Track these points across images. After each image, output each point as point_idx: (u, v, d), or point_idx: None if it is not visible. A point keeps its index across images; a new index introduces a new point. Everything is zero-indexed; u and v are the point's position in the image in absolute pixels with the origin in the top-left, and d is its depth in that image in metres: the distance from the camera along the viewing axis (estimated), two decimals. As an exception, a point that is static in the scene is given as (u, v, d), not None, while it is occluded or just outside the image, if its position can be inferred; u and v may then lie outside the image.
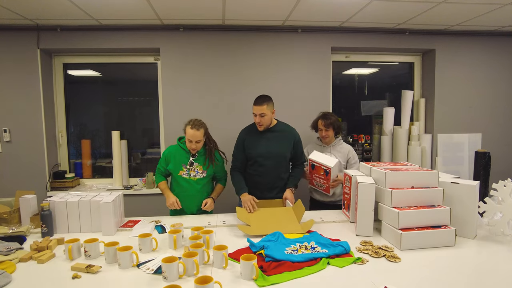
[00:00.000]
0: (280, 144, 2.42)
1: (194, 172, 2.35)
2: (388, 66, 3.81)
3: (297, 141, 2.49)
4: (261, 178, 2.42)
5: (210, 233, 1.70)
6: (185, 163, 2.34)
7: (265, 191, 2.41)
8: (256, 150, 2.41)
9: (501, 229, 1.81)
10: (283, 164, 2.45)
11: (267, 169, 2.40)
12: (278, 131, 2.45)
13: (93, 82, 3.63)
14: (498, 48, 3.54)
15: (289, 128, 2.51)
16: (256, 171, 2.43)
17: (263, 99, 2.32)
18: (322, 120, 2.64)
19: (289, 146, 2.44)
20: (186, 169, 2.34)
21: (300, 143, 2.53)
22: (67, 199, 1.97)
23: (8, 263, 1.52)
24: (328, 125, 2.61)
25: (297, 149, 2.49)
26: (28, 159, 3.14)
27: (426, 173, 1.84)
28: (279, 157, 2.41)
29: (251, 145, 2.43)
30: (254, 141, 2.43)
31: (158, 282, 1.37)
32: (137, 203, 3.17)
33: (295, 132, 2.50)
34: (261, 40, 3.27)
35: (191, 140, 2.26)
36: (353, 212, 2.06)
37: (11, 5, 2.55)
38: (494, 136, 3.62)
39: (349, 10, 2.80)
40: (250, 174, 2.47)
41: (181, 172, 2.35)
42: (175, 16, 2.90)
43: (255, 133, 2.44)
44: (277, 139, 2.43)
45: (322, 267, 1.47)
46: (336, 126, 2.64)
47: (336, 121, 2.66)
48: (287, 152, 2.44)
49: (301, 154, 2.54)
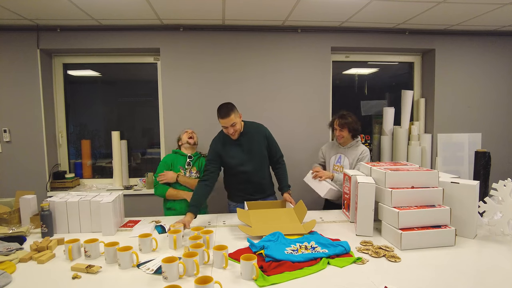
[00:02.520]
0: (256, 145, 2.38)
1: (189, 173, 2.58)
2: (388, 66, 3.81)
3: (268, 135, 2.43)
4: (247, 183, 2.39)
5: (210, 233, 1.70)
6: (182, 165, 2.58)
7: (255, 193, 2.42)
8: (235, 158, 2.35)
9: (501, 228, 1.81)
10: (263, 163, 2.43)
11: (250, 173, 2.37)
12: (248, 133, 2.37)
13: (93, 82, 3.63)
14: (498, 48, 3.54)
15: (257, 126, 2.45)
16: (240, 177, 2.39)
17: (227, 109, 2.21)
18: (338, 119, 2.59)
19: (263, 143, 2.40)
20: (184, 170, 2.57)
21: (272, 137, 2.46)
22: (67, 199, 1.97)
23: (8, 263, 1.51)
24: (343, 125, 2.55)
25: (271, 144, 2.43)
26: (28, 159, 3.14)
27: (426, 173, 1.84)
28: (258, 157, 2.38)
29: (228, 155, 2.35)
30: (230, 149, 2.35)
31: (158, 282, 1.37)
32: (137, 203, 3.17)
33: (264, 128, 2.45)
34: (261, 40, 3.27)
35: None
36: (353, 212, 2.06)
37: (11, 5, 2.55)
38: (494, 135, 3.62)
39: (349, 10, 2.80)
40: (236, 180, 2.43)
41: (179, 174, 2.55)
42: (175, 16, 2.90)
43: (228, 142, 2.36)
44: (250, 140, 2.37)
45: (322, 267, 1.46)
46: (351, 128, 2.55)
47: (353, 123, 2.56)
48: (263, 149, 2.41)
49: (277, 147, 2.47)
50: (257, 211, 2.18)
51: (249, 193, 2.42)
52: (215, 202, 2.67)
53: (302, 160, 3.28)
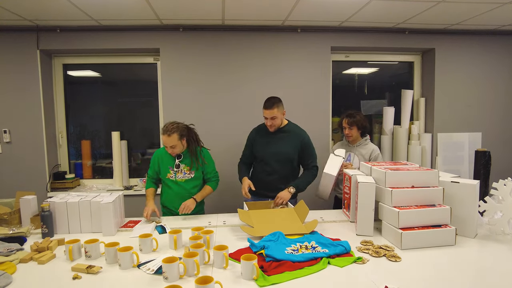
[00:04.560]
0: (286, 145, 2.42)
1: (181, 174, 2.35)
2: (387, 65, 3.81)
3: (305, 142, 2.45)
4: (268, 178, 2.44)
5: (210, 233, 1.70)
6: (172, 166, 2.34)
7: (273, 191, 2.40)
8: (263, 150, 2.46)
9: (502, 228, 1.81)
10: (289, 165, 2.45)
11: (274, 169, 2.42)
12: (286, 132, 2.45)
13: (93, 82, 3.63)
14: (497, 47, 3.54)
15: (298, 130, 2.49)
16: (263, 170, 2.46)
17: (272, 102, 2.32)
18: (347, 118, 2.63)
19: (295, 147, 2.43)
20: (173, 172, 2.34)
21: (310, 145, 2.46)
22: (67, 200, 1.97)
23: (9, 264, 1.51)
24: (352, 124, 2.60)
25: (305, 150, 2.45)
26: (28, 160, 3.14)
27: (426, 173, 1.84)
28: (285, 157, 2.42)
29: (258, 145, 2.48)
30: (262, 141, 2.48)
31: (158, 282, 1.37)
32: (137, 203, 3.16)
33: (304, 134, 2.47)
34: (261, 40, 3.27)
35: (166, 146, 2.26)
36: (353, 211, 2.06)
37: (10, 6, 2.55)
38: (494, 135, 3.62)
39: (349, 9, 2.80)
40: (257, 173, 2.50)
41: (168, 175, 2.35)
42: (175, 16, 2.90)
43: (264, 133, 2.48)
44: (284, 140, 2.44)
45: (322, 266, 1.46)
46: (360, 125, 2.61)
47: (361, 120, 2.62)
48: (294, 153, 2.43)
49: (310, 156, 2.46)
50: (258, 211, 2.18)
51: (266, 189, 2.41)
52: (215, 202, 2.67)
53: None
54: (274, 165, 2.42)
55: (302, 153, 2.45)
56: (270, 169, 2.43)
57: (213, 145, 2.66)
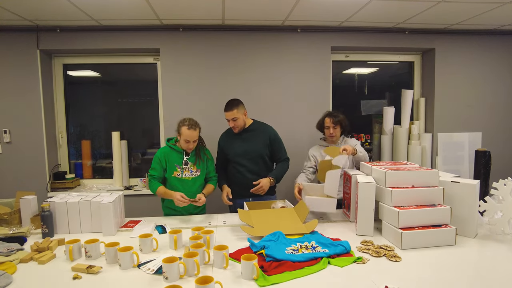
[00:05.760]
0: (255, 143, 2.50)
1: (188, 171, 2.33)
2: (388, 65, 3.81)
3: (273, 138, 2.53)
4: (242, 177, 2.48)
5: (210, 233, 1.70)
6: (179, 164, 2.32)
7: (249, 190, 2.42)
8: (233, 150, 2.51)
9: (502, 228, 1.81)
10: (261, 162, 2.51)
11: (247, 168, 2.48)
12: (252, 131, 2.53)
13: (93, 82, 3.63)
14: (498, 47, 3.54)
15: (263, 127, 2.57)
16: (237, 171, 2.51)
17: (231, 105, 2.41)
18: (330, 117, 2.59)
19: (264, 143, 2.50)
20: (180, 169, 2.32)
21: (278, 139, 2.56)
22: (68, 200, 1.97)
23: (9, 264, 1.52)
24: (337, 123, 2.58)
25: (275, 145, 2.54)
26: (28, 160, 3.14)
27: (427, 172, 1.84)
28: (256, 155, 2.49)
29: (228, 147, 2.54)
30: (231, 142, 2.54)
31: (158, 282, 1.37)
32: (137, 203, 3.17)
33: (270, 130, 2.56)
34: (261, 40, 3.27)
35: (188, 141, 2.25)
36: (353, 211, 2.06)
37: (10, 6, 2.55)
38: (494, 135, 3.62)
39: (349, 9, 2.80)
40: (232, 174, 2.55)
41: (175, 173, 2.31)
42: (175, 16, 2.90)
43: (232, 135, 2.55)
44: (252, 138, 2.51)
45: (322, 266, 1.46)
46: (344, 124, 2.62)
47: (344, 119, 2.63)
48: (263, 149, 2.50)
49: (280, 150, 2.57)
50: (258, 211, 2.18)
51: (242, 188, 2.45)
52: (215, 202, 2.66)
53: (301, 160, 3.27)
54: (246, 164, 2.48)
55: (272, 148, 2.54)
56: (243, 168, 2.48)
57: (213, 145, 2.66)
